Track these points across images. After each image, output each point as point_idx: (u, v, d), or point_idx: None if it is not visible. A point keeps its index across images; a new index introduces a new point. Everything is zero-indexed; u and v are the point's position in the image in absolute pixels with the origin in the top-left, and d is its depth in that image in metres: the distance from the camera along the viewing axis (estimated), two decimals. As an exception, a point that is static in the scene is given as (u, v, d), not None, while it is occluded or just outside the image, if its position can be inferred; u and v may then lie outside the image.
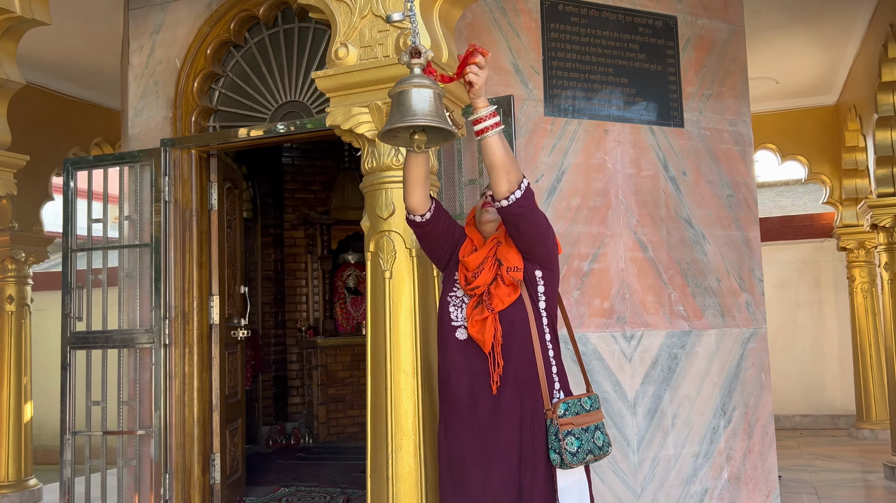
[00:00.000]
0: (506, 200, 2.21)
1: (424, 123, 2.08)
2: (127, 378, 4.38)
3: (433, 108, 2.09)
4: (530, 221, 2.29)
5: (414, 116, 2.08)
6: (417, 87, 2.09)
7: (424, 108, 2.08)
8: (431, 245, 2.49)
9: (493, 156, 2.18)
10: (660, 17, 4.39)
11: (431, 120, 2.08)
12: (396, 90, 2.13)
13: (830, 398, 8.80)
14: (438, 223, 2.44)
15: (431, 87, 2.10)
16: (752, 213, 4.58)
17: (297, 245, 7.86)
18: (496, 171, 2.19)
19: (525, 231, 2.28)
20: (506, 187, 2.20)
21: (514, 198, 2.21)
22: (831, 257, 8.82)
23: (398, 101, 2.11)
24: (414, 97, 2.09)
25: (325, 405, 7.36)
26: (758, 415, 4.41)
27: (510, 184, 2.20)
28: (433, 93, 2.10)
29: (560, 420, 2.26)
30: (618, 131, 4.23)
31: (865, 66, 6.30)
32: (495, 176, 2.20)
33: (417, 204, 2.38)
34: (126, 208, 4.45)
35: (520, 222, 2.27)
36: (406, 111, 2.08)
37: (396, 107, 2.11)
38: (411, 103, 2.08)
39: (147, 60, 4.58)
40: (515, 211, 2.24)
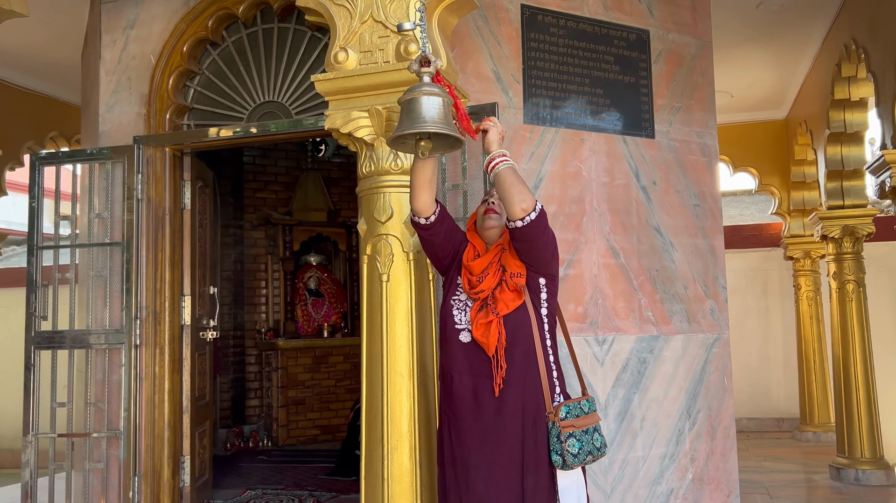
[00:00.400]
0: (521, 222, 2.30)
1: (435, 130, 2.13)
2: (94, 379, 4.29)
3: (442, 115, 2.14)
4: (540, 241, 2.38)
5: (423, 123, 2.13)
6: (427, 95, 2.14)
7: (434, 116, 2.13)
8: (434, 248, 2.53)
9: (503, 184, 2.31)
10: (633, 31, 4.52)
11: (441, 127, 2.13)
12: (406, 97, 2.17)
13: (776, 402, 9.12)
14: (442, 226, 2.49)
15: (441, 96, 2.15)
16: (717, 222, 4.75)
17: (258, 246, 7.78)
18: (510, 195, 2.30)
19: (532, 249, 2.38)
20: (518, 210, 2.29)
21: (530, 219, 2.30)
22: (778, 266, 9.14)
23: (408, 108, 2.15)
24: (424, 105, 2.13)
25: (285, 408, 7.29)
26: (720, 417, 4.57)
27: (524, 204, 2.30)
28: (442, 101, 2.15)
29: (562, 422, 2.33)
30: (593, 140, 4.33)
31: (817, 83, 6.58)
32: (509, 199, 2.31)
33: (423, 206, 2.42)
34: (96, 205, 4.36)
35: (532, 241, 2.36)
36: (416, 118, 2.13)
37: (406, 114, 2.15)
38: (421, 110, 2.13)
39: (120, 56, 4.49)
40: (529, 232, 2.33)
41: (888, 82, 4.30)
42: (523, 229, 2.30)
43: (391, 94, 2.66)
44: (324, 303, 7.85)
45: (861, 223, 6.15)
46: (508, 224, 2.33)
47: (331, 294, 7.91)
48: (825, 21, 5.87)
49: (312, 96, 4.33)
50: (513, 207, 2.29)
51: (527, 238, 2.33)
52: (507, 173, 2.30)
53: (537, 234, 2.33)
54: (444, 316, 2.50)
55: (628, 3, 4.52)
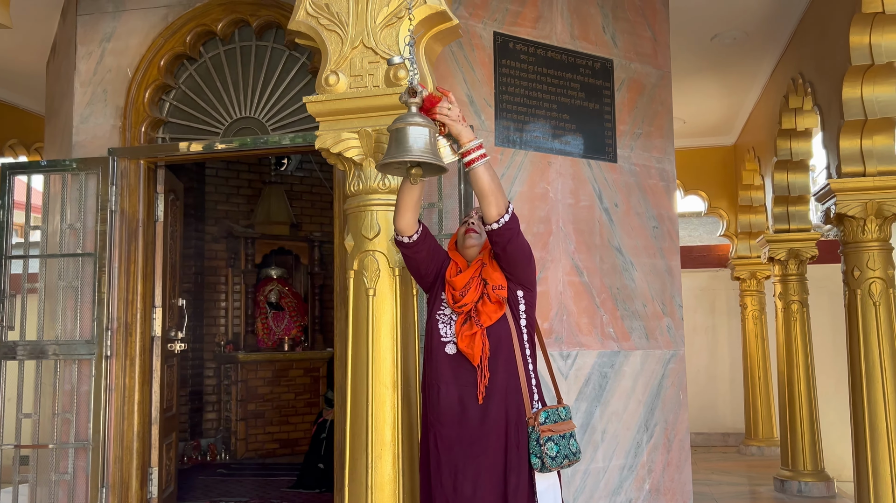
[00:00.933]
0: (496, 223, 2.43)
1: (419, 159, 2.27)
2: (63, 390, 4.28)
3: (427, 145, 2.29)
4: (516, 243, 2.52)
5: (410, 152, 2.27)
6: (414, 126, 2.29)
7: (420, 145, 2.28)
8: (417, 265, 2.66)
9: (482, 183, 2.41)
10: (598, 60, 4.74)
11: (425, 157, 2.28)
12: (395, 127, 2.31)
13: (722, 417, 9.44)
14: (424, 245, 2.62)
15: (427, 126, 2.31)
16: (674, 243, 4.98)
17: (218, 258, 7.77)
18: (485, 196, 2.41)
19: (511, 251, 2.51)
20: (495, 211, 2.42)
21: (504, 220, 2.44)
22: (725, 286, 9.50)
23: (396, 136, 2.29)
24: (411, 134, 2.28)
25: (243, 421, 7.28)
26: (676, 430, 4.78)
27: (499, 208, 2.42)
28: (428, 131, 2.31)
29: (541, 427, 2.47)
30: (559, 163, 4.52)
31: (765, 113, 6.92)
32: (485, 201, 2.42)
33: (406, 226, 2.56)
34: (68, 216, 4.36)
35: (507, 243, 2.49)
36: (403, 147, 2.28)
37: (395, 142, 2.29)
38: (408, 140, 2.28)
39: (96, 68, 4.52)
40: (504, 233, 2.46)
41: (833, 116, 4.60)
42: (500, 231, 2.44)
43: (380, 116, 2.78)
44: (284, 316, 7.87)
45: (805, 246, 6.48)
46: (486, 226, 2.47)
47: (291, 307, 7.94)
48: (774, 54, 6.21)
49: (289, 113, 4.43)
50: (489, 210, 2.42)
51: (503, 240, 2.47)
52: (486, 173, 2.41)
53: (513, 236, 2.48)
54: (429, 330, 2.62)
55: (594, 33, 4.74)
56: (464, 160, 2.43)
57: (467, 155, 2.41)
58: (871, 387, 4.38)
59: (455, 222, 3.97)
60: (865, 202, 4.38)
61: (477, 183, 2.42)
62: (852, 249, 4.47)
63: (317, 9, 2.90)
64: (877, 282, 4.39)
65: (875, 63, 4.19)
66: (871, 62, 4.20)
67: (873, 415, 4.35)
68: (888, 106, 4.33)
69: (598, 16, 4.77)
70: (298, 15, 2.92)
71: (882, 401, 4.33)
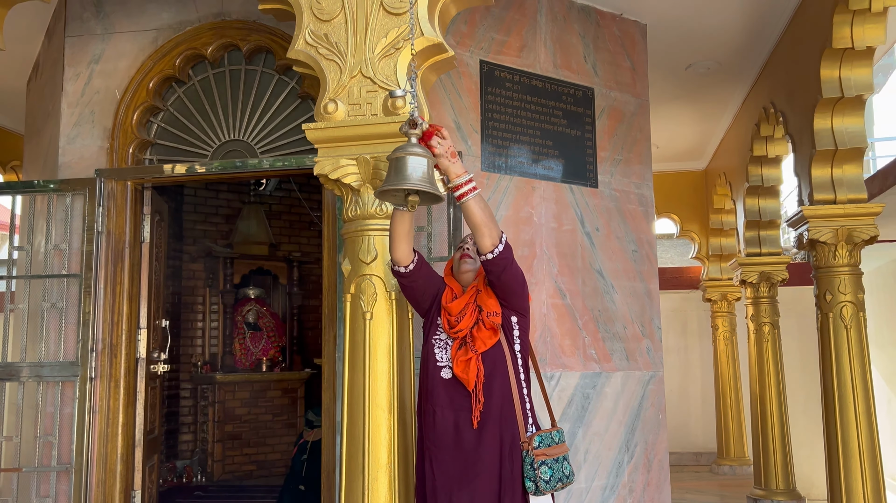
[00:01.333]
0: (490, 254, 2.51)
1: (418, 188, 2.35)
2: (45, 412, 4.24)
3: (425, 174, 2.37)
4: (510, 272, 2.59)
5: (408, 181, 2.35)
6: (413, 156, 2.38)
7: (418, 174, 2.36)
8: (414, 293, 2.73)
9: (473, 216, 2.49)
10: (580, 88, 4.87)
11: (423, 186, 2.36)
12: (395, 156, 2.39)
13: (694, 437, 9.58)
14: (420, 273, 2.69)
15: (425, 156, 2.39)
16: (653, 266, 5.11)
17: (196, 278, 7.74)
18: (478, 229, 2.49)
19: (505, 280, 2.58)
20: (489, 242, 2.50)
21: (498, 251, 2.51)
22: (696, 307, 9.68)
23: (396, 165, 2.37)
24: (410, 164, 2.37)
25: (220, 443, 7.23)
26: (655, 450, 4.87)
27: (492, 239, 2.50)
28: (427, 161, 2.39)
29: (535, 451, 2.54)
30: (543, 188, 4.63)
31: (737, 139, 7.13)
32: (478, 233, 2.50)
33: (402, 256, 2.63)
34: (53, 237, 4.35)
35: (501, 272, 2.57)
36: (402, 175, 2.36)
37: (394, 170, 2.37)
38: (407, 169, 2.36)
39: (84, 89, 4.53)
40: (499, 263, 2.54)
41: (804, 145, 4.77)
42: (494, 261, 2.52)
43: (378, 144, 2.85)
44: (262, 336, 7.85)
45: (776, 269, 6.67)
46: (480, 256, 2.55)
47: (269, 328, 7.92)
48: (745, 84, 6.42)
49: (277, 137, 4.48)
50: (483, 241, 2.50)
51: (497, 269, 2.55)
52: (476, 205, 2.48)
53: (507, 265, 2.55)
54: (426, 355, 2.69)
55: (576, 62, 4.88)
56: (455, 194, 2.51)
57: (457, 189, 2.49)
58: (843, 407, 4.52)
59: (443, 246, 4.04)
60: (836, 228, 4.54)
61: (469, 216, 2.49)
62: (824, 274, 4.63)
63: (316, 38, 2.97)
64: (847, 305, 4.54)
65: (845, 96, 4.37)
66: (840, 95, 4.38)
67: (846, 434, 4.49)
68: (857, 137, 4.51)
69: (580, 45, 4.91)
70: (298, 44, 2.98)
71: (854, 421, 4.47)
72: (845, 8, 4.05)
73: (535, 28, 4.72)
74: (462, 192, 2.48)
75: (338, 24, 2.97)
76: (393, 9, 2.92)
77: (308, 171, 4.33)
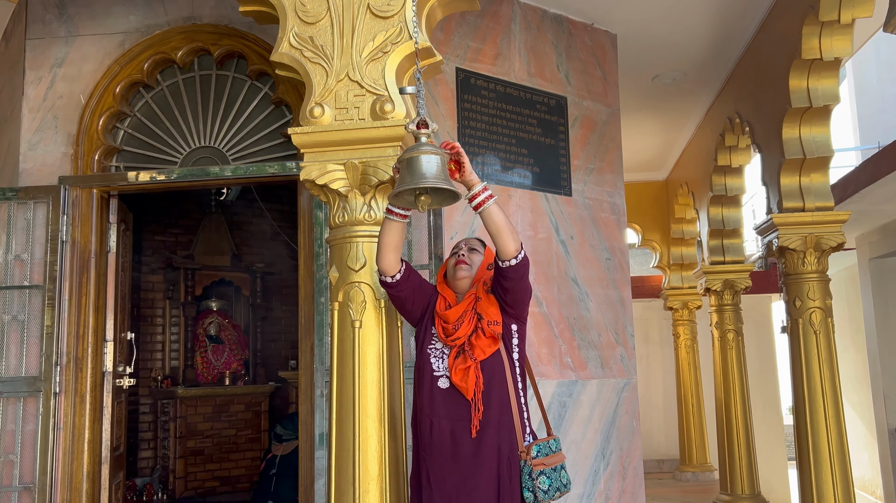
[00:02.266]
0: (515, 259, 2.45)
1: (435, 185, 2.29)
2: (5, 430, 4.05)
3: (440, 171, 2.32)
4: (525, 280, 2.55)
5: (424, 179, 2.29)
6: (426, 154, 2.32)
7: (433, 172, 2.31)
8: (402, 303, 2.67)
9: (497, 221, 2.44)
10: (553, 97, 4.89)
11: (439, 182, 2.30)
12: (408, 156, 2.33)
13: (656, 443, 9.67)
14: (408, 283, 2.63)
15: (438, 154, 2.34)
16: (626, 274, 5.14)
17: (155, 290, 7.53)
18: (501, 234, 2.44)
19: (520, 288, 2.54)
20: (513, 246, 2.45)
21: (522, 255, 2.46)
22: (658, 315, 9.81)
23: (409, 165, 2.31)
24: (424, 163, 2.31)
25: (182, 459, 7.02)
26: (630, 457, 4.88)
27: (515, 242, 2.46)
28: (440, 159, 2.34)
29: (533, 461, 2.50)
30: (519, 196, 4.62)
31: (700, 149, 7.25)
32: (502, 238, 2.43)
33: (389, 266, 2.57)
34: (14, 246, 4.17)
35: (520, 279, 2.51)
36: (417, 174, 2.30)
37: (408, 170, 2.31)
38: (421, 168, 2.30)
39: (46, 93, 4.37)
40: (520, 269, 2.48)
41: (773, 154, 4.86)
42: (516, 267, 2.45)
43: (367, 149, 2.80)
44: (224, 349, 7.67)
45: (740, 277, 6.78)
46: (501, 263, 2.47)
47: (231, 340, 7.75)
48: (710, 94, 6.53)
49: (250, 143, 4.39)
50: (507, 246, 2.43)
51: (517, 276, 2.48)
52: (497, 212, 2.44)
53: (526, 271, 2.51)
54: (421, 364, 2.63)
55: (549, 71, 4.90)
56: (472, 203, 2.47)
57: (476, 198, 2.45)
58: (813, 411, 4.59)
59: (423, 254, 3.99)
60: (805, 236, 4.63)
61: (491, 222, 2.43)
62: (793, 280, 4.71)
63: (301, 41, 2.90)
64: (816, 311, 4.63)
65: (813, 105, 4.46)
66: (808, 104, 4.47)
67: (816, 438, 4.56)
68: (823, 146, 4.61)
69: (553, 54, 4.93)
70: (282, 47, 2.91)
71: (824, 425, 4.55)
72: (814, 20, 4.14)
73: (510, 36, 4.73)
74: (483, 198, 2.43)
75: (323, 26, 2.91)
76: (380, 12, 2.87)
77: (272, 178, 4.27)
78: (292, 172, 4.12)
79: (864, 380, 7.99)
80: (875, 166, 5.42)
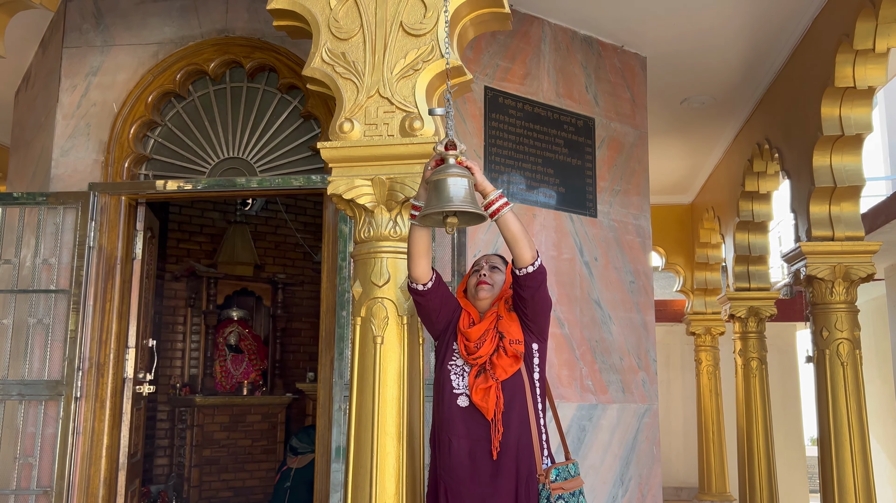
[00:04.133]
0: (531, 266, 2.43)
1: (463, 209, 2.28)
2: (26, 433, 4.08)
3: (468, 194, 2.31)
4: (545, 287, 2.53)
5: (451, 202, 2.28)
6: (454, 177, 2.31)
7: (460, 195, 2.29)
8: (429, 313, 2.64)
9: (512, 228, 2.42)
10: (581, 118, 4.88)
11: (467, 206, 2.29)
12: (436, 178, 2.32)
13: (675, 471, 9.54)
14: (438, 292, 2.61)
15: (466, 177, 2.33)
16: (650, 298, 5.09)
17: (178, 297, 7.58)
18: (518, 241, 2.42)
19: (539, 298, 2.51)
20: (529, 254, 2.43)
21: (539, 262, 2.44)
22: (680, 341, 9.70)
23: (437, 187, 2.31)
24: (451, 185, 2.30)
25: (198, 467, 7.03)
26: (650, 485, 4.81)
27: (532, 250, 2.43)
28: (468, 181, 2.33)
29: (552, 485, 2.46)
30: (543, 216, 4.60)
31: (727, 174, 7.19)
32: (518, 245, 2.42)
33: (422, 273, 2.55)
34: (42, 251, 4.22)
35: (538, 288, 2.49)
36: (445, 197, 2.29)
37: (435, 192, 2.30)
38: (449, 190, 2.29)
39: (80, 101, 4.43)
40: (537, 277, 2.46)
41: (802, 181, 4.81)
42: (533, 275, 2.43)
43: (395, 165, 2.80)
44: (243, 359, 7.69)
45: (765, 305, 6.69)
46: (518, 272, 2.45)
47: (251, 351, 7.77)
48: (738, 119, 6.48)
49: (278, 156, 4.41)
50: (523, 253, 2.42)
51: (535, 284, 2.46)
52: (513, 219, 2.42)
53: (543, 280, 2.48)
54: (441, 381, 2.60)
55: (577, 91, 4.89)
56: (488, 210, 2.44)
57: (492, 204, 2.43)
58: (839, 444, 4.50)
59: (447, 271, 3.98)
60: (834, 265, 4.56)
61: (508, 229, 2.42)
62: (821, 310, 4.64)
63: (333, 57, 2.92)
64: (844, 342, 4.55)
65: (845, 134, 4.41)
66: (840, 133, 4.42)
67: (841, 471, 4.47)
68: (855, 175, 4.55)
69: (582, 75, 4.93)
70: (314, 62, 2.93)
71: (850, 459, 4.46)
72: (848, 48, 4.10)
73: (539, 56, 4.73)
74: (498, 205, 2.40)
75: (355, 43, 2.92)
76: (412, 30, 2.88)
77: (298, 191, 4.29)
78: (317, 185, 4.13)
79: (890, 412, 7.83)
80: (907, 197, 5.34)
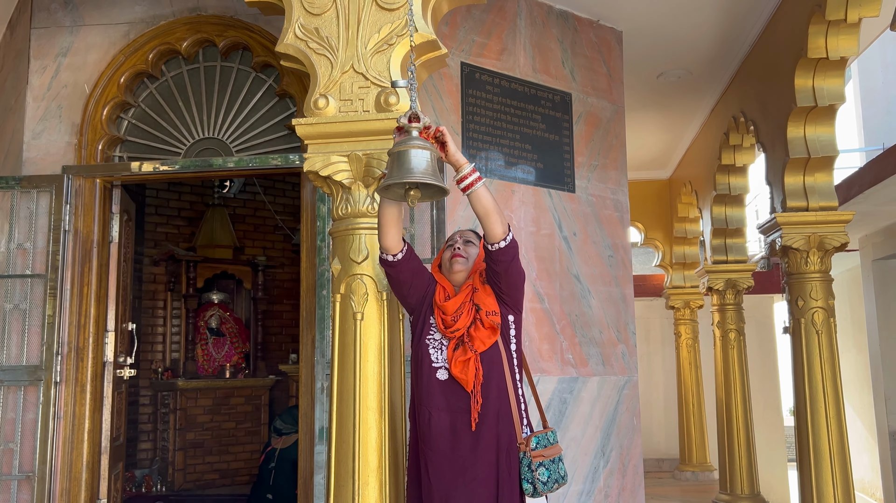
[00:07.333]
0: (503, 241, 2.44)
1: (423, 181, 2.27)
2: (6, 419, 4.05)
3: (429, 167, 2.30)
4: (517, 261, 2.54)
5: (412, 174, 2.27)
6: (416, 149, 2.30)
7: (422, 167, 2.28)
8: (400, 285, 2.65)
9: (485, 203, 2.42)
10: (558, 93, 4.88)
11: (428, 178, 2.28)
12: (397, 150, 2.31)
13: (656, 443, 9.66)
14: (409, 264, 2.62)
15: (429, 149, 2.32)
16: (628, 272, 5.13)
17: (157, 282, 7.53)
18: (489, 215, 2.43)
19: (512, 272, 2.52)
20: (500, 229, 2.44)
21: (510, 237, 2.46)
22: (659, 314, 9.79)
23: (398, 159, 2.29)
24: (413, 157, 2.29)
25: (182, 451, 7.03)
26: (630, 455, 4.88)
27: (503, 225, 2.45)
28: (430, 154, 2.32)
29: (532, 452, 2.49)
30: (522, 192, 4.61)
31: (704, 148, 7.23)
32: (490, 220, 2.43)
33: (392, 243, 2.55)
34: (16, 235, 4.17)
35: (510, 262, 2.50)
36: (405, 169, 2.28)
37: (396, 164, 2.29)
38: (410, 162, 2.28)
39: (50, 83, 4.37)
40: (509, 251, 2.47)
41: (777, 153, 4.85)
42: (505, 249, 2.45)
43: (371, 141, 2.79)
44: (225, 342, 7.67)
45: (742, 277, 6.76)
46: (490, 247, 2.46)
47: (232, 333, 7.75)
48: (714, 93, 6.51)
49: (254, 135, 4.38)
50: (495, 228, 2.43)
51: (507, 258, 2.48)
52: (485, 193, 2.42)
53: (515, 254, 2.50)
54: (419, 356, 2.61)
55: (554, 66, 4.89)
56: (461, 185, 2.45)
57: (465, 179, 2.43)
58: (814, 412, 4.58)
59: (426, 247, 3.99)
60: (808, 235, 4.62)
61: (479, 203, 2.42)
62: (796, 280, 4.70)
63: (306, 32, 2.90)
64: (819, 311, 4.62)
65: (818, 105, 4.45)
66: (814, 104, 4.46)
67: (817, 438, 4.56)
68: (828, 145, 4.60)
69: (558, 50, 4.92)
70: (287, 38, 2.90)
71: (825, 425, 4.54)
72: (821, 18, 4.12)
73: (515, 31, 4.72)
74: (471, 180, 2.41)
75: (329, 18, 2.90)
76: (386, 4, 2.86)
77: (275, 170, 4.26)
78: (295, 164, 4.11)
79: (865, 381, 7.98)
80: (879, 167, 5.41)
